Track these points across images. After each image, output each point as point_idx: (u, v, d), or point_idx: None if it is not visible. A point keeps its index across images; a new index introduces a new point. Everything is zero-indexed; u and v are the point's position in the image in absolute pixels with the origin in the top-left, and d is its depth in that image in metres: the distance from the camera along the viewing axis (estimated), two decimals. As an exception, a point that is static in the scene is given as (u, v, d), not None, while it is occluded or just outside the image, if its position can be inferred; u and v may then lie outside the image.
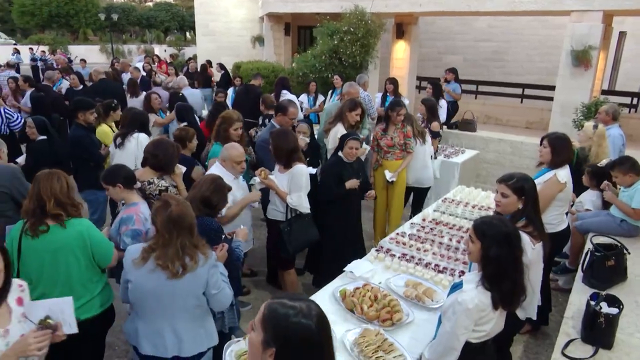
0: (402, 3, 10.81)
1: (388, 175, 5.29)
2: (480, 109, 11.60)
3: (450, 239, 4.01)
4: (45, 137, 4.99)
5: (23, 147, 6.41)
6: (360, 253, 4.64)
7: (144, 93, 8.00)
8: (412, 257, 3.72)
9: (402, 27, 11.88)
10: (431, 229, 4.25)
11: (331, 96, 8.37)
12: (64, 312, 2.27)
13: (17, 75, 9.95)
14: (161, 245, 2.51)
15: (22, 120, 6.42)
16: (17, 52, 22.75)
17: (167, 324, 2.60)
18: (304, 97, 9.09)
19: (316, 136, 5.82)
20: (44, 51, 22.83)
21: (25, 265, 2.71)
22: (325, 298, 3.13)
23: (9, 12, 40.52)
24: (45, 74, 8.67)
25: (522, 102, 12.34)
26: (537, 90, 11.85)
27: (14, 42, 31.45)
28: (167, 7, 44.03)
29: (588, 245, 3.85)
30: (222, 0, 18.57)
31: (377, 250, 3.87)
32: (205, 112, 8.45)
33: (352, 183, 4.44)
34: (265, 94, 7.18)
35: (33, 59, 20.42)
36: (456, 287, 2.38)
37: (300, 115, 6.78)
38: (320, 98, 8.99)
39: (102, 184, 3.28)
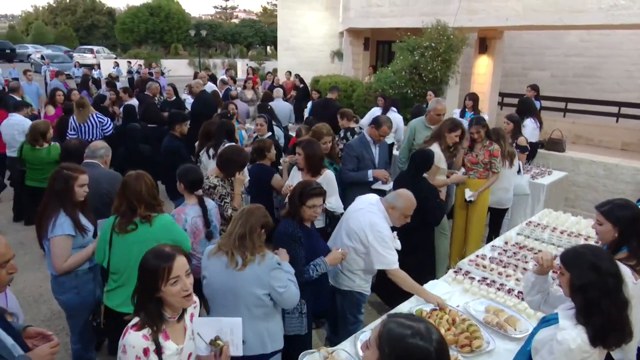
0: (488, 17, 10.50)
1: (468, 194, 5.11)
2: (570, 127, 10.89)
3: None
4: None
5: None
6: (431, 272, 4.57)
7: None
8: (493, 281, 3.56)
9: (486, 41, 11.54)
10: (514, 253, 4.04)
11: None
12: (233, 333, 2.33)
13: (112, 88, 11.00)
14: (227, 233, 2.74)
15: (112, 125, 6.98)
16: (117, 65, 24.95)
17: None
18: (374, 111, 9.03)
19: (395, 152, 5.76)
20: (140, 64, 24.80)
21: (114, 256, 2.99)
22: (400, 317, 3.07)
23: (112, 29, 44.73)
24: (146, 85, 9.41)
25: (617, 121, 11.42)
26: (636, 109, 10.92)
27: (114, 56, 34.45)
28: (251, 23, 46.25)
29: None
30: (303, 17, 19.14)
31: (455, 272, 3.74)
32: (291, 125, 8.70)
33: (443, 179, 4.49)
34: (344, 108, 7.24)
35: (129, 72, 22.28)
36: (547, 321, 2.21)
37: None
38: (393, 114, 8.67)
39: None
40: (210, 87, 11.16)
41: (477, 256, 3.98)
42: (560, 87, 13.64)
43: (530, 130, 6.96)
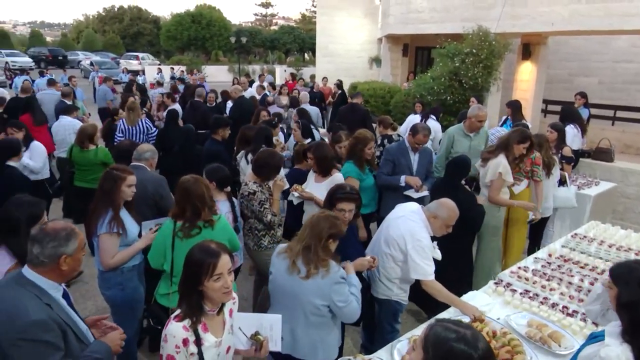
0: (532, 22, 10.23)
1: (530, 216, 4.95)
2: (619, 136, 10.43)
3: (582, 280, 3.63)
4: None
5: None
6: (470, 283, 4.48)
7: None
8: (536, 295, 3.43)
9: (529, 47, 11.24)
10: (559, 266, 3.89)
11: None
12: (273, 329, 2.41)
13: (163, 91, 11.44)
14: (297, 239, 2.75)
15: (157, 132, 7.22)
16: (160, 71, 25.80)
17: (286, 321, 2.72)
18: (412, 118, 8.93)
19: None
20: (182, 70, 25.58)
21: (178, 258, 3.06)
22: (438, 327, 3.02)
23: (156, 37, 46.34)
24: (196, 90, 9.71)
25: (672, 130, 10.87)
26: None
27: (158, 62, 35.65)
28: (290, 30, 46.84)
29: None
30: (342, 24, 19.26)
31: (495, 283, 3.64)
32: (322, 130, 8.74)
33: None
34: (384, 115, 7.21)
35: (172, 78, 22.98)
36: (595, 337, 2.13)
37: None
38: (432, 122, 8.51)
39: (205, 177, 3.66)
40: (249, 92, 11.38)
41: (519, 268, 3.86)
42: (609, 95, 13.10)
43: (570, 137, 6.71)
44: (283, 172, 4.38)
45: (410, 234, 3.27)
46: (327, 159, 4.27)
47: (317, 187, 4.30)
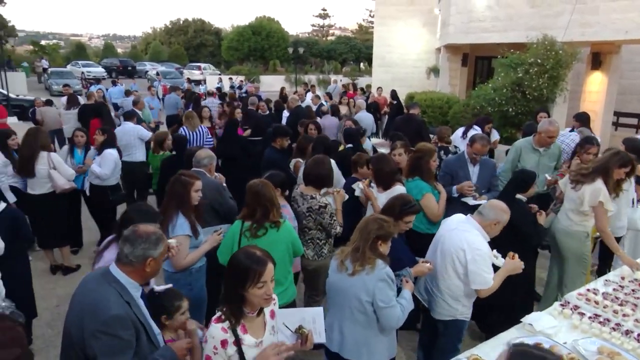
0: (603, 30, 9.71)
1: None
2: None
3: (660, 307, 3.37)
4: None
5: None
6: (530, 302, 4.28)
7: (318, 119, 8.74)
8: (607, 320, 3.21)
9: (600, 56, 10.67)
10: (633, 290, 3.63)
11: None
12: (315, 322, 2.52)
13: (221, 101, 11.91)
14: (349, 243, 2.82)
15: (212, 139, 7.50)
16: (220, 80, 26.78)
17: (336, 320, 2.81)
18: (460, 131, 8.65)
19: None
20: (242, 80, 26.39)
21: None
22: (498, 348, 2.90)
23: (218, 48, 48.19)
24: (249, 99, 10.02)
25: None
26: None
27: (219, 72, 37.01)
28: (346, 40, 47.17)
29: None
30: (400, 34, 19.17)
31: (561, 305, 3.45)
32: (378, 140, 8.72)
33: (542, 219, 4.12)
34: (443, 126, 7.07)
35: (231, 87, 23.78)
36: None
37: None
38: (495, 134, 8.25)
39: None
40: (306, 102, 11.56)
41: (588, 290, 3.63)
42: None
43: None
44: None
45: (467, 244, 3.19)
46: (385, 172, 4.19)
47: (377, 196, 4.26)
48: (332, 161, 5.17)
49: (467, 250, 3.17)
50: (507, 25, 12.09)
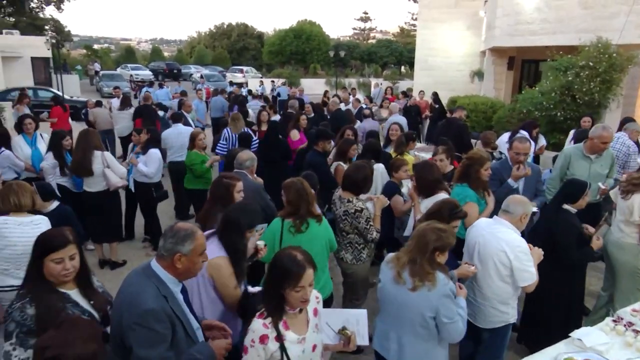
0: (662, 32, 9.20)
1: None
2: None
3: None
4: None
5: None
6: (578, 316, 4.10)
7: (359, 122, 8.78)
8: (665, 339, 3.03)
9: (658, 60, 10.07)
10: (693, 308, 3.40)
11: (572, 138, 7.33)
12: (359, 324, 2.50)
13: (265, 104, 12.10)
14: (404, 251, 2.76)
15: (257, 141, 7.59)
16: (262, 83, 27.18)
17: (393, 330, 2.75)
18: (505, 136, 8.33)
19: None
20: (284, 83, 26.69)
21: None
22: (544, 362, 2.79)
23: (260, 51, 49.02)
24: (289, 102, 10.15)
25: None
26: None
27: (260, 75, 37.61)
28: (387, 43, 46.91)
29: None
30: (443, 37, 18.86)
31: (614, 321, 3.27)
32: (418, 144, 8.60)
33: (598, 244, 3.84)
34: (487, 131, 6.85)
35: (272, 90, 24.10)
36: None
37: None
38: (541, 140, 7.93)
39: None
40: (344, 106, 11.56)
41: (644, 306, 3.44)
42: None
43: None
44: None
45: (506, 244, 3.17)
46: (428, 181, 4.11)
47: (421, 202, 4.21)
48: (381, 166, 5.18)
49: (508, 250, 3.15)
50: (557, 27, 11.67)
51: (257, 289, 2.78)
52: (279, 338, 2.14)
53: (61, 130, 6.47)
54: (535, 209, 4.43)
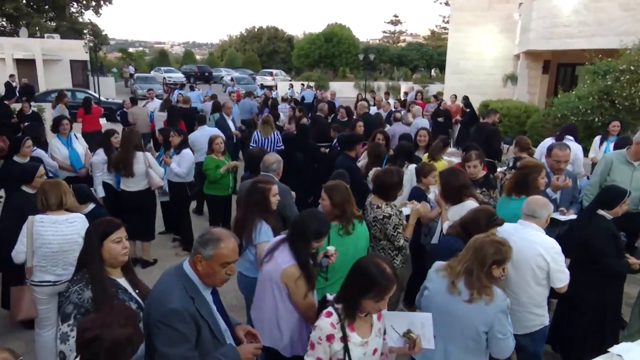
0: None
1: None
2: None
3: None
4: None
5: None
6: (614, 326, 3.92)
7: (388, 126, 8.72)
8: None
9: None
10: None
11: (600, 144, 7.06)
12: (424, 327, 2.46)
13: (293, 106, 12.14)
14: (458, 259, 2.67)
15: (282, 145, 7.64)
16: (291, 87, 27.37)
17: (441, 342, 2.66)
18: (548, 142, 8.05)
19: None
20: (310, 86, 26.79)
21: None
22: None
23: (289, 55, 49.37)
24: (318, 105, 10.16)
25: None
26: None
27: (289, 78, 37.83)
28: (418, 46, 46.47)
29: None
30: (475, 40, 18.56)
31: (657, 338, 3.12)
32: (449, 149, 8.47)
33: (635, 265, 3.67)
34: (522, 136, 6.63)
35: (297, 93, 24.25)
36: None
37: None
38: (570, 144, 7.50)
39: None
40: (374, 109, 11.49)
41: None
42: None
43: None
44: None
45: (542, 248, 3.11)
46: (454, 187, 3.97)
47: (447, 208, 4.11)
48: (414, 167, 5.14)
49: (545, 254, 3.11)
50: (596, 30, 11.31)
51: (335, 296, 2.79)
52: (344, 339, 2.18)
53: (111, 128, 6.65)
54: (573, 217, 4.29)
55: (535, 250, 3.11)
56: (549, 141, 6.66)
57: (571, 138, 6.41)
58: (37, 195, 3.56)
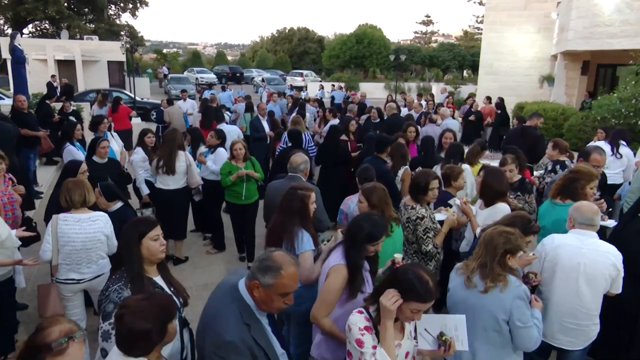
0: None
1: None
2: None
3: None
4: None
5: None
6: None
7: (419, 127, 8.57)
8: None
9: None
10: None
11: None
12: (458, 329, 2.46)
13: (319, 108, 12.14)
14: (472, 258, 2.72)
15: (319, 146, 7.62)
16: (322, 87, 27.37)
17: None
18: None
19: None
20: (341, 87, 26.75)
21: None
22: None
23: (319, 55, 49.49)
24: (348, 106, 10.13)
25: None
26: None
27: (319, 79, 37.92)
28: (450, 47, 45.76)
29: None
30: (511, 40, 18.11)
31: None
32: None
33: None
34: (558, 138, 6.42)
35: (326, 93, 24.23)
36: None
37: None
38: (623, 149, 7.26)
39: None
40: (405, 111, 11.37)
41: None
42: None
43: None
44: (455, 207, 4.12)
45: (612, 256, 3.02)
46: (493, 190, 3.92)
47: (478, 212, 4.04)
48: (468, 167, 5.13)
49: (616, 261, 3.01)
50: (639, 29, 10.85)
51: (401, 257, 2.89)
52: (377, 339, 2.16)
53: (146, 128, 6.80)
54: (613, 222, 4.12)
55: (609, 260, 3.00)
56: (602, 145, 6.33)
57: (624, 143, 6.15)
58: (60, 193, 3.57)
